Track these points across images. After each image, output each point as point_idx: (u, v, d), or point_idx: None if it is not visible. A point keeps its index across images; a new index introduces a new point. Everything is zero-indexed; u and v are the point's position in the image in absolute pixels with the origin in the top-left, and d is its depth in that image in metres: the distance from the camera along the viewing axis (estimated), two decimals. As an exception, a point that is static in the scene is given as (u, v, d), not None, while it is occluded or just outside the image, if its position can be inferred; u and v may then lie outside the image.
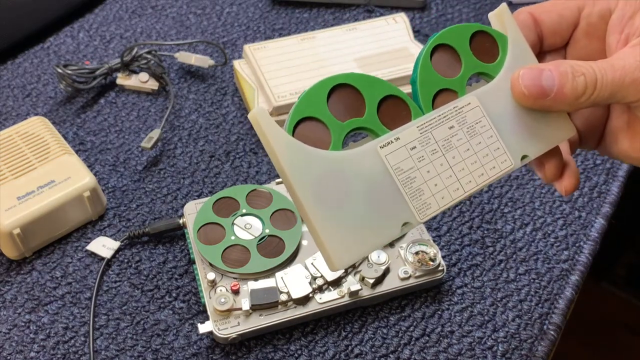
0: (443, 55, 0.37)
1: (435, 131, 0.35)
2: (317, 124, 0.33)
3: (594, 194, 0.60)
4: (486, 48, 0.38)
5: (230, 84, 0.70)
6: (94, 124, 0.65)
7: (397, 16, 0.71)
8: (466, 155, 0.36)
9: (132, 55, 0.67)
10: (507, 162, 0.37)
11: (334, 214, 0.32)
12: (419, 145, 0.35)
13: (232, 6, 0.79)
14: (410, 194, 0.34)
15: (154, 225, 0.55)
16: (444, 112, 0.36)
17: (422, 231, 0.54)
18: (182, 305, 0.52)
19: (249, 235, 0.52)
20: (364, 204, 0.33)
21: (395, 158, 0.34)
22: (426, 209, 0.34)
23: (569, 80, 0.34)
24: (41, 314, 0.51)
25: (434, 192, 0.35)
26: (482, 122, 0.36)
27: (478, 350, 0.49)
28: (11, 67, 0.71)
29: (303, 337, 0.50)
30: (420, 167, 0.35)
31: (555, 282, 0.54)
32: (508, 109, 0.37)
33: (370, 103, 0.35)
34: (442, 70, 0.37)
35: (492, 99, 0.37)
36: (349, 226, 0.32)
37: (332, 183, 0.32)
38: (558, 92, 0.34)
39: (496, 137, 0.37)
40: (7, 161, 0.55)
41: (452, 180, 0.35)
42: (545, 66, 0.35)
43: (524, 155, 0.37)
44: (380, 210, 0.33)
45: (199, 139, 0.64)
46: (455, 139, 0.36)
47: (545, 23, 0.39)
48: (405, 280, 0.51)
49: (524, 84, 0.36)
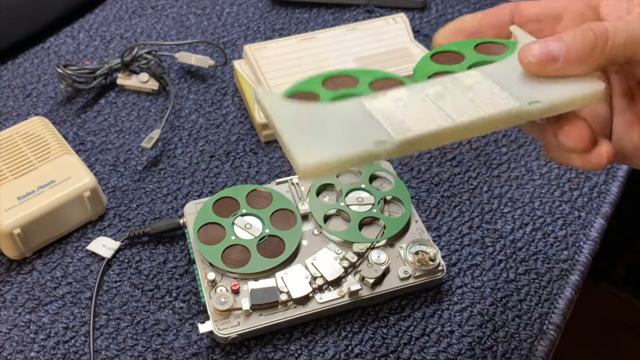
0: (444, 56, 0.37)
1: (427, 90, 0.33)
2: (309, 94, 0.34)
3: (594, 194, 0.60)
4: (492, 49, 0.37)
5: (230, 84, 0.70)
6: (94, 124, 0.65)
7: (397, 16, 0.71)
8: (459, 101, 0.33)
9: (132, 55, 0.67)
10: (510, 103, 0.33)
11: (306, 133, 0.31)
12: (407, 97, 0.33)
13: (232, 6, 0.79)
14: (389, 123, 0.32)
15: (154, 225, 0.55)
16: (440, 79, 0.34)
17: (422, 231, 0.54)
18: (182, 305, 0.52)
19: (249, 235, 0.52)
20: (340, 126, 0.32)
21: (379, 104, 0.33)
22: (405, 130, 0.31)
23: (576, 38, 0.32)
24: (41, 313, 0.51)
25: (417, 120, 0.32)
26: (481, 83, 0.34)
27: (478, 350, 0.50)
28: (11, 67, 0.71)
29: (303, 337, 0.50)
30: (404, 110, 0.32)
31: (555, 282, 0.54)
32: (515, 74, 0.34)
33: (363, 82, 0.35)
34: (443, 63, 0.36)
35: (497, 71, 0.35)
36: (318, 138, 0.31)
37: (311, 116, 0.32)
38: (567, 52, 0.32)
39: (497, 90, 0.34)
40: (8, 161, 0.55)
41: (439, 114, 0.32)
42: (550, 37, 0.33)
43: (534, 101, 0.33)
44: (355, 129, 0.32)
45: (199, 139, 0.64)
46: (449, 93, 0.33)
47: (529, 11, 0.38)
48: (405, 280, 0.51)
49: (531, 52, 0.33)
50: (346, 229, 0.53)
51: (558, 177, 0.61)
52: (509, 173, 0.62)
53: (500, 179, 0.61)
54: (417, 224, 0.54)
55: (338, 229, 0.53)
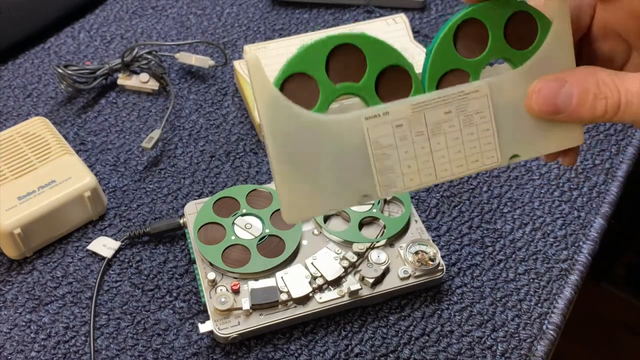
0: (470, 32, 0.34)
1: (429, 113, 0.33)
2: (308, 81, 0.32)
3: (593, 194, 0.60)
4: (522, 32, 0.35)
5: (230, 84, 0.70)
6: (95, 124, 0.65)
7: (397, 17, 0.71)
8: (452, 144, 0.34)
9: (132, 55, 0.67)
10: (493, 158, 0.35)
11: (298, 172, 0.32)
12: (406, 124, 0.33)
13: (233, 7, 0.79)
14: (379, 170, 0.33)
15: (155, 225, 0.55)
16: (447, 94, 0.34)
17: (421, 231, 0.54)
18: (182, 305, 0.52)
19: (249, 235, 0.52)
20: (331, 169, 0.32)
21: (377, 132, 0.33)
22: (391, 186, 0.33)
23: (588, 101, 0.31)
24: (42, 313, 0.51)
25: (405, 173, 0.34)
26: (484, 114, 0.34)
27: (477, 349, 0.50)
28: (12, 67, 0.71)
29: (303, 336, 0.50)
30: (399, 146, 0.33)
31: (554, 281, 0.54)
32: (518, 105, 0.34)
33: (371, 70, 0.33)
34: (463, 48, 0.34)
35: (505, 90, 0.34)
36: (309, 186, 0.32)
37: (306, 143, 0.32)
38: (574, 111, 0.32)
39: (492, 132, 0.34)
40: (8, 161, 0.55)
41: (427, 165, 0.34)
42: (568, 78, 0.32)
43: (515, 155, 0.35)
44: (345, 177, 0.33)
45: (200, 139, 0.64)
46: (448, 125, 0.34)
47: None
48: (404, 280, 0.51)
49: (538, 100, 0.33)
50: (346, 229, 0.53)
51: (557, 177, 0.61)
52: (508, 173, 0.62)
53: (500, 179, 0.61)
54: (417, 223, 0.54)
55: (338, 228, 0.53)
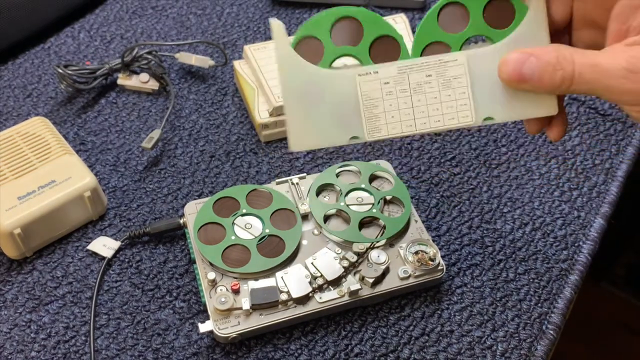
0: (453, 11, 0.40)
1: (412, 74, 0.40)
2: (316, 43, 0.40)
3: (593, 194, 0.60)
4: (500, 15, 0.40)
5: (230, 84, 0.70)
6: (95, 124, 0.66)
7: (397, 16, 0.71)
8: (431, 102, 0.40)
9: (132, 55, 0.67)
10: (468, 118, 0.40)
11: (303, 111, 0.40)
12: (392, 82, 0.40)
13: (232, 7, 0.79)
14: (367, 117, 0.40)
15: (155, 225, 0.55)
16: (428, 60, 0.40)
17: (421, 231, 0.54)
18: (182, 305, 0.52)
19: (249, 235, 0.52)
20: (329, 112, 0.40)
21: (368, 86, 0.40)
22: (376, 132, 0.40)
23: (548, 71, 0.36)
24: (42, 313, 0.51)
25: (388, 122, 0.40)
26: (461, 80, 0.40)
27: (477, 349, 0.50)
28: (12, 67, 0.71)
29: (303, 336, 0.50)
30: (385, 100, 0.40)
31: (554, 281, 0.54)
32: (493, 75, 0.39)
33: (367, 37, 0.41)
34: (446, 25, 0.40)
35: (482, 62, 0.40)
36: (311, 122, 0.40)
37: (311, 89, 0.40)
38: (537, 81, 0.37)
39: (467, 95, 0.40)
40: (8, 161, 0.55)
41: (408, 117, 0.40)
42: (533, 51, 0.37)
43: (488, 117, 0.40)
44: (340, 120, 0.40)
45: (200, 139, 0.64)
46: (428, 86, 0.40)
47: None
48: (404, 280, 0.51)
49: (507, 69, 0.38)
50: (346, 229, 0.53)
51: (557, 177, 0.61)
52: (508, 173, 0.62)
53: (500, 179, 0.61)
54: (417, 223, 0.54)
55: (338, 228, 0.53)
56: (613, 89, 0.35)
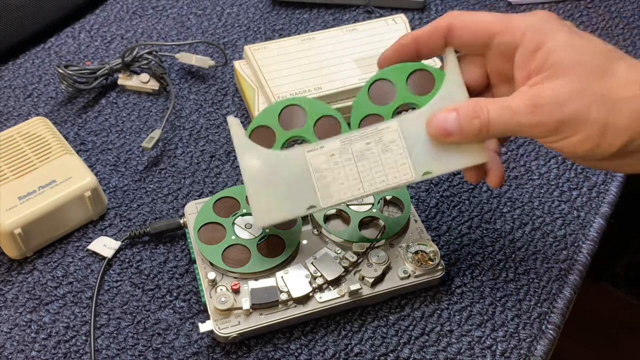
0: (382, 86, 0.46)
1: (354, 145, 0.45)
2: (267, 130, 0.46)
3: (593, 194, 0.60)
4: (422, 83, 0.45)
5: (230, 84, 0.70)
6: (95, 124, 0.66)
7: (397, 17, 0.71)
8: (374, 165, 0.44)
9: (132, 55, 0.67)
10: (408, 174, 0.44)
11: (263, 190, 0.45)
12: (337, 153, 0.45)
13: (233, 7, 0.79)
14: (320, 186, 0.45)
15: (155, 225, 0.55)
16: (366, 131, 0.45)
17: (421, 231, 0.54)
18: (182, 305, 0.52)
19: (249, 234, 0.52)
20: (286, 187, 0.45)
21: (316, 160, 0.45)
22: (329, 198, 0.45)
23: (467, 122, 0.41)
24: (42, 313, 0.51)
25: (339, 188, 0.45)
26: (396, 142, 0.44)
27: (477, 349, 0.50)
28: (12, 67, 0.71)
29: (303, 336, 0.50)
30: (333, 169, 0.45)
31: (554, 281, 0.54)
32: (424, 135, 0.44)
33: (310, 118, 0.46)
34: (377, 99, 0.46)
35: (411, 124, 0.44)
36: (271, 200, 0.45)
37: (267, 170, 0.45)
38: (460, 132, 0.41)
39: (405, 155, 0.44)
40: (9, 161, 0.55)
41: (356, 182, 0.44)
42: (453, 107, 0.42)
43: (427, 172, 0.44)
44: (296, 193, 0.45)
45: (200, 139, 0.65)
46: (369, 152, 0.44)
47: (459, 37, 0.43)
48: (404, 280, 0.51)
49: (432, 127, 0.43)
50: (346, 229, 0.53)
51: (557, 177, 0.62)
52: (508, 173, 0.62)
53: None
54: (417, 223, 0.54)
55: (338, 228, 0.54)
56: (523, 125, 0.39)
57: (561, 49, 0.39)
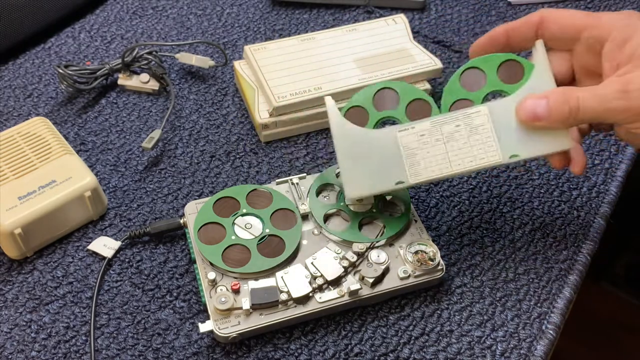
0: (472, 74, 0.49)
1: (444, 126, 0.47)
2: (361, 111, 0.50)
3: (593, 194, 0.60)
4: (511, 72, 0.48)
5: (230, 84, 0.70)
6: (95, 124, 0.66)
7: (397, 17, 0.71)
8: (462, 146, 0.47)
9: (133, 55, 0.67)
10: (496, 156, 0.46)
11: (355, 166, 0.48)
12: (427, 134, 0.47)
13: (233, 7, 0.79)
14: (409, 164, 0.47)
15: (155, 225, 0.55)
16: (456, 114, 0.47)
17: (421, 231, 0.54)
18: (182, 305, 0.52)
19: (249, 234, 0.52)
20: (376, 164, 0.48)
21: (407, 139, 0.48)
22: (417, 175, 0.47)
23: (557, 107, 0.43)
24: (42, 313, 0.51)
25: (427, 166, 0.47)
26: (485, 126, 0.46)
27: (477, 349, 0.50)
28: (12, 67, 0.71)
29: (303, 336, 0.50)
30: (422, 148, 0.47)
31: (554, 281, 0.54)
32: (512, 120, 0.46)
33: (403, 101, 0.50)
34: (467, 85, 0.48)
35: (501, 110, 0.47)
36: (362, 174, 0.48)
37: (360, 146, 0.48)
38: (549, 117, 0.44)
39: (493, 138, 0.46)
40: (9, 161, 0.55)
41: (444, 161, 0.47)
42: (544, 94, 0.44)
43: (513, 155, 0.46)
44: (386, 170, 0.48)
45: (200, 139, 0.65)
46: (458, 134, 0.47)
47: (550, 30, 0.46)
48: (404, 280, 0.51)
49: (523, 112, 0.45)
50: (346, 229, 0.53)
51: (557, 177, 0.62)
52: (508, 173, 0.62)
53: (500, 178, 0.61)
54: (417, 223, 0.54)
55: (338, 228, 0.54)
56: (613, 110, 0.41)
57: None
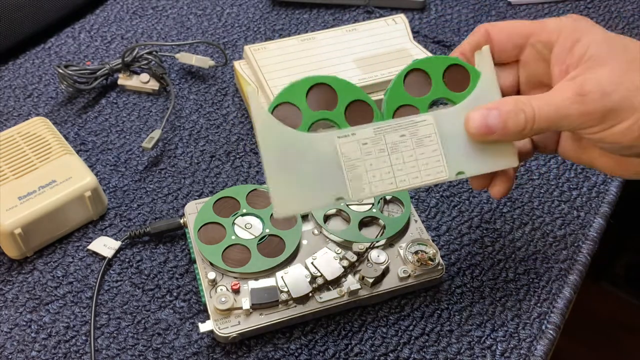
0: (416, 78, 0.43)
1: (388, 135, 0.42)
2: (292, 108, 0.41)
3: (593, 194, 0.60)
4: (458, 78, 0.44)
5: (230, 84, 0.70)
6: (95, 124, 0.66)
7: (397, 17, 0.71)
8: (408, 160, 0.42)
9: (133, 55, 0.67)
10: (442, 173, 0.42)
11: (285, 176, 0.40)
12: (370, 142, 0.41)
13: (233, 7, 0.79)
14: (350, 177, 0.41)
15: (155, 224, 0.55)
16: (401, 122, 0.42)
17: (421, 231, 0.54)
18: (182, 305, 0.52)
19: (249, 234, 0.52)
20: (312, 174, 0.40)
21: (347, 148, 0.41)
22: (360, 191, 0.41)
23: (511, 117, 0.40)
24: (42, 313, 0.51)
25: (370, 181, 0.41)
26: (432, 138, 0.42)
27: (477, 349, 0.50)
28: (12, 67, 0.71)
29: (303, 336, 0.50)
30: (365, 159, 0.41)
31: (554, 281, 0.54)
32: (459, 132, 0.42)
33: (341, 102, 0.42)
34: (412, 90, 0.43)
35: (448, 121, 0.42)
36: (294, 187, 0.40)
37: (291, 153, 0.40)
38: (503, 128, 0.40)
39: (439, 152, 0.42)
40: (9, 161, 0.55)
41: (389, 175, 0.41)
42: (495, 105, 0.41)
43: (460, 172, 0.42)
44: (323, 182, 0.40)
45: (200, 139, 0.65)
46: (403, 145, 0.42)
47: (495, 40, 0.44)
48: (404, 280, 0.51)
49: (473, 124, 0.41)
50: (346, 229, 0.53)
51: (557, 177, 0.62)
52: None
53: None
54: (417, 223, 0.54)
55: (338, 228, 0.54)
56: (570, 116, 0.39)
57: (597, 43, 0.40)
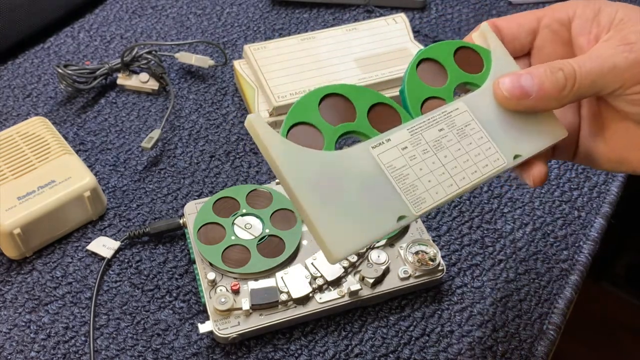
0: (429, 68, 0.39)
1: (425, 133, 0.37)
2: (309, 128, 0.35)
3: (594, 194, 0.60)
4: (470, 61, 0.40)
5: (230, 84, 0.70)
6: (95, 124, 0.65)
7: (397, 16, 0.71)
8: (458, 155, 0.37)
9: (132, 55, 0.67)
10: (499, 160, 0.37)
11: (329, 209, 0.33)
12: (410, 145, 0.36)
13: (232, 6, 0.79)
14: (404, 189, 0.35)
15: (154, 225, 0.55)
16: (433, 115, 0.37)
17: (421, 231, 0.54)
18: (182, 305, 0.52)
19: (249, 235, 0.52)
20: (359, 199, 0.33)
21: (388, 157, 0.35)
22: (421, 203, 0.35)
23: (547, 76, 0.35)
24: (41, 313, 0.51)
25: (428, 188, 0.35)
26: (471, 125, 0.38)
27: (478, 350, 0.50)
28: (12, 67, 0.71)
29: (303, 336, 0.50)
30: (412, 165, 0.36)
31: (554, 282, 0.54)
32: (496, 113, 0.38)
33: (360, 109, 0.37)
34: (429, 81, 0.39)
35: (479, 104, 0.38)
36: (344, 220, 0.33)
37: (327, 180, 0.33)
38: (539, 90, 0.35)
39: (487, 138, 0.37)
40: (8, 161, 0.55)
41: (445, 177, 0.36)
42: (524, 71, 0.36)
43: (517, 155, 0.38)
44: (376, 204, 0.34)
45: (199, 139, 0.64)
46: (446, 140, 0.37)
47: (504, 30, 0.40)
48: (405, 280, 0.51)
49: (504, 87, 0.37)
50: (346, 229, 0.53)
51: (558, 177, 0.61)
52: (508, 173, 0.62)
53: (500, 178, 0.61)
54: (417, 223, 0.54)
55: (338, 229, 0.53)
56: (616, 67, 0.34)
57: (624, 8, 0.36)
